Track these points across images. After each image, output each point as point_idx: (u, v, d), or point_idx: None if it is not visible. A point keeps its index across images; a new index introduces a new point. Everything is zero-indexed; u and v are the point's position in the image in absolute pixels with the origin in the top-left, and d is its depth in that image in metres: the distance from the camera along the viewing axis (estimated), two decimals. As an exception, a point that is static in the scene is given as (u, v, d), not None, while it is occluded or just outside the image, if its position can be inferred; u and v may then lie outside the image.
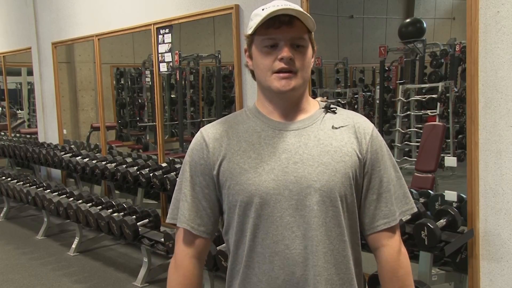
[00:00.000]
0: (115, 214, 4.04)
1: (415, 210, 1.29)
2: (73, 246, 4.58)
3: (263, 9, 1.16)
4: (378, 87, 7.88)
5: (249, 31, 1.20)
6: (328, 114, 1.26)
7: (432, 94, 6.36)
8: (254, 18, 1.18)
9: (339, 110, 1.28)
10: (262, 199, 1.16)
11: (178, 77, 7.49)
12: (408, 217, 2.52)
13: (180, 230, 1.28)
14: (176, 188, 1.30)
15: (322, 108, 1.27)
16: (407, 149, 6.70)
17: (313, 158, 1.17)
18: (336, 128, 1.23)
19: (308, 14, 1.16)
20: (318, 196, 1.15)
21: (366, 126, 1.25)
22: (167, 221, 1.31)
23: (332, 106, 1.28)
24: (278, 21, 1.15)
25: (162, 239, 3.54)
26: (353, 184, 1.20)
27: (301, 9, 1.15)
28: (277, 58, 1.16)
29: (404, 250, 1.26)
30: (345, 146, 1.20)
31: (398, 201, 1.25)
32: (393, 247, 1.24)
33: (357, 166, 1.20)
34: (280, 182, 1.16)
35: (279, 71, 1.16)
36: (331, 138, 1.21)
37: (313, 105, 1.27)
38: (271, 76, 1.17)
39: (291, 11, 1.14)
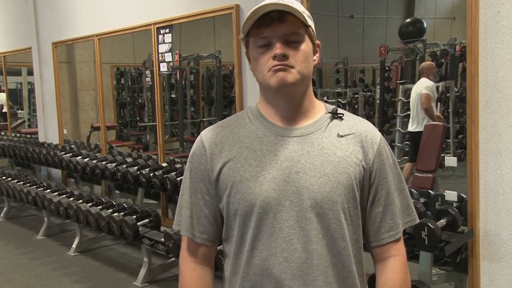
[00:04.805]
0: (115, 214, 4.04)
1: (417, 221, 1.25)
2: (74, 246, 4.58)
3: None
4: (378, 87, 7.88)
5: (242, 34, 1.16)
6: (335, 120, 1.20)
7: (433, 94, 6.34)
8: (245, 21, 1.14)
9: (346, 116, 1.21)
10: (263, 209, 1.12)
11: (178, 77, 7.50)
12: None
13: (184, 238, 1.26)
14: (179, 194, 1.27)
15: (329, 112, 1.21)
16: (407, 149, 6.70)
17: (316, 168, 1.12)
18: (342, 136, 1.17)
19: (299, 7, 1.11)
20: (319, 209, 1.11)
21: (374, 135, 1.19)
22: (174, 227, 1.28)
23: (339, 111, 1.21)
24: (269, 19, 1.10)
25: (162, 239, 3.54)
26: (358, 196, 1.15)
27: (289, 3, 1.09)
28: (271, 56, 1.11)
29: (407, 262, 1.23)
30: (350, 156, 1.15)
31: (400, 213, 1.21)
32: (400, 260, 1.21)
33: (361, 177, 1.15)
34: (281, 192, 1.12)
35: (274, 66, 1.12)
36: (336, 147, 1.15)
37: (319, 109, 1.21)
38: (268, 74, 1.12)
39: (277, 6, 1.08)
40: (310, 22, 1.15)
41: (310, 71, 1.16)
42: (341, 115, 1.21)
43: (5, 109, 10.02)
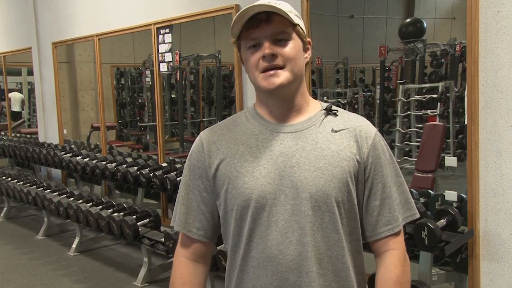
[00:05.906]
0: (115, 214, 4.04)
1: (418, 216, 1.25)
2: (73, 246, 4.58)
3: None
4: (378, 87, 7.88)
5: (233, 38, 1.20)
6: (329, 116, 1.22)
7: (432, 94, 6.35)
8: None
9: (341, 112, 1.24)
10: (258, 203, 1.15)
11: (178, 77, 7.49)
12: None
13: (180, 233, 1.29)
14: (178, 191, 1.31)
15: (323, 109, 1.23)
16: (407, 149, 6.70)
17: (310, 162, 1.15)
18: (336, 131, 1.19)
19: (285, 7, 1.13)
20: (313, 201, 1.13)
21: (368, 130, 1.21)
22: (171, 223, 1.31)
23: (333, 108, 1.24)
24: (257, 20, 1.13)
25: (162, 239, 3.54)
26: (352, 190, 1.16)
27: (275, 4, 1.12)
28: (261, 56, 1.14)
29: (407, 257, 1.23)
30: (343, 151, 1.17)
31: (400, 207, 1.21)
32: (398, 254, 1.21)
33: (356, 171, 1.17)
34: (276, 186, 1.14)
35: (265, 70, 1.14)
36: (330, 142, 1.18)
37: (313, 106, 1.24)
38: (259, 76, 1.16)
39: (263, 7, 1.11)
40: (298, 21, 1.17)
41: (301, 68, 1.19)
42: (336, 111, 1.23)
43: (15, 109, 10.05)
